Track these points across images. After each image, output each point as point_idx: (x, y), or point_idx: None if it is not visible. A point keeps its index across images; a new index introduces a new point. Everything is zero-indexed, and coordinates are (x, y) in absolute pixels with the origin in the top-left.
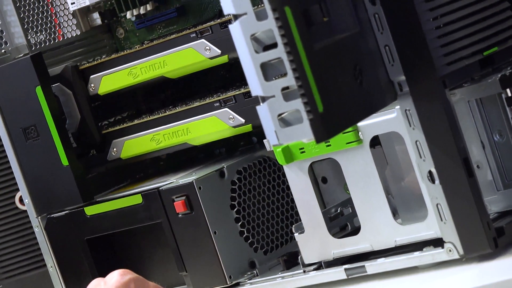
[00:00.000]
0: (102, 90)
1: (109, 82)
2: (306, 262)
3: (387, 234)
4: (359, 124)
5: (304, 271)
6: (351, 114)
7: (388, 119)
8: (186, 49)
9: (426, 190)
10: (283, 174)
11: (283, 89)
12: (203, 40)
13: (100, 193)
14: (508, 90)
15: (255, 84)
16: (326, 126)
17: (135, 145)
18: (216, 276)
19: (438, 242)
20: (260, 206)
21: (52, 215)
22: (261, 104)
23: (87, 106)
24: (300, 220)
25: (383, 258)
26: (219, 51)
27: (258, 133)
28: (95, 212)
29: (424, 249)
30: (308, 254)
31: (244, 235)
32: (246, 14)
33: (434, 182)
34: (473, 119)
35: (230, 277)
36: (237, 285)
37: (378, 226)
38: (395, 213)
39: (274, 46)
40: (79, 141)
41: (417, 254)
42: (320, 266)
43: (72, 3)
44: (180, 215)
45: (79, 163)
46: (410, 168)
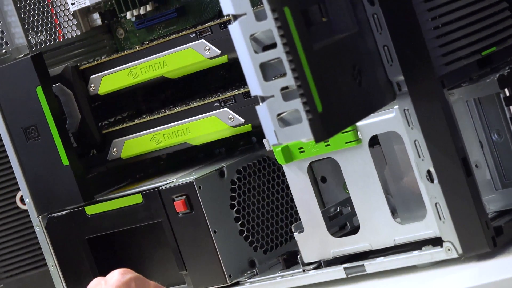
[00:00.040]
0: (102, 90)
1: (109, 82)
2: (306, 261)
3: (386, 233)
4: (358, 123)
5: (303, 270)
6: (350, 114)
7: (387, 119)
8: (186, 49)
9: (425, 189)
10: (283, 174)
11: (283, 89)
12: (203, 40)
13: (100, 192)
14: (506, 90)
15: (255, 84)
16: (325, 126)
17: (135, 145)
18: (216, 275)
19: (437, 241)
20: (259, 205)
21: (52, 215)
22: (260, 104)
23: (88, 106)
24: (299, 219)
25: (382, 257)
26: (219, 51)
27: (258, 132)
28: (96, 211)
29: (423, 248)
30: (307, 253)
31: (244, 234)
32: (245, 14)
33: (432, 181)
34: (471, 119)
35: (230, 276)
36: (237, 284)
37: (377, 225)
38: (394, 212)
39: (273, 46)
40: (80, 141)
41: (416, 253)
42: (319, 265)
43: (72, 4)
44: (180, 215)
45: (80, 163)
46: (409, 167)
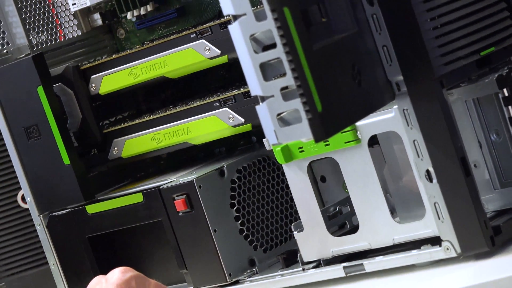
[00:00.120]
0: (103, 90)
1: (110, 82)
2: (305, 260)
3: (385, 233)
4: (358, 123)
5: (303, 269)
6: (350, 114)
7: (386, 119)
8: (186, 49)
9: (423, 189)
10: (282, 173)
11: (282, 89)
12: (203, 40)
13: (101, 191)
14: (505, 90)
15: (255, 84)
16: (325, 126)
17: (136, 144)
18: (216, 273)
19: (435, 241)
20: (259, 204)
21: (54, 213)
22: (260, 103)
23: (88, 105)
24: (299, 218)
25: (381, 256)
26: (219, 51)
27: (258, 132)
28: (97, 210)
29: (422, 247)
30: (307, 252)
31: (243, 233)
32: (245, 14)
33: (431, 181)
34: (470, 119)
35: (230, 274)
36: (236, 282)
37: (377, 225)
38: (393, 211)
39: (273, 46)
40: (81, 140)
41: (415, 252)
42: (319, 264)
43: (73, 4)
44: (180, 214)
45: (81, 162)
46: (408, 167)
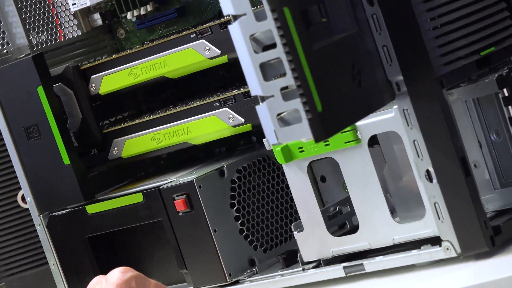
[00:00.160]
0: (103, 90)
1: (110, 82)
2: (305, 260)
3: (385, 233)
4: (358, 123)
5: (303, 269)
6: (350, 114)
7: (386, 119)
8: (186, 49)
9: (423, 189)
10: (282, 173)
11: (282, 89)
12: (203, 40)
13: (101, 191)
14: (505, 90)
15: (255, 84)
16: (325, 126)
17: (136, 144)
18: (216, 273)
19: (435, 241)
20: (259, 204)
21: (54, 213)
22: (260, 103)
23: (88, 105)
24: (299, 218)
25: (381, 256)
26: (219, 51)
27: (258, 132)
28: (97, 210)
29: (421, 247)
30: (307, 252)
31: (243, 233)
32: (245, 14)
33: (431, 181)
34: (470, 119)
35: (230, 274)
36: (236, 282)
37: (376, 225)
38: (393, 211)
39: (273, 46)
40: (81, 140)
41: (415, 252)
42: (319, 264)
43: (73, 4)
44: (180, 214)
45: (81, 162)
46: (408, 167)
